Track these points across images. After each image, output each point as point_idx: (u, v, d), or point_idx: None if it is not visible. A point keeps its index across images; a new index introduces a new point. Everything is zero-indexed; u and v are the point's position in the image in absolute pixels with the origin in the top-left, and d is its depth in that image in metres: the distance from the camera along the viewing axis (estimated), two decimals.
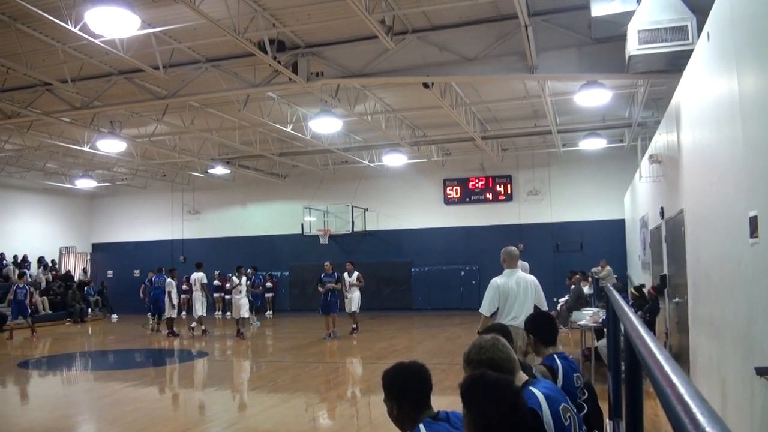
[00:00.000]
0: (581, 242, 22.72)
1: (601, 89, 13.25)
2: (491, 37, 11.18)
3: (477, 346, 3.35)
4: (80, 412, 9.44)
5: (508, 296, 6.98)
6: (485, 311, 6.98)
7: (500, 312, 6.95)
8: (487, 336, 3.50)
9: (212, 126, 17.92)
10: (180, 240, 27.95)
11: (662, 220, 10.01)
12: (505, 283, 7.04)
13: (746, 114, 4.35)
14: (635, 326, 1.97)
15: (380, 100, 16.31)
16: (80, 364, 14.90)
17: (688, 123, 7.10)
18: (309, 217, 25.17)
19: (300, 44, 11.95)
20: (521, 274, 7.22)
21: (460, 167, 24.13)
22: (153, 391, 10.80)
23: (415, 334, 18.72)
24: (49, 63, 12.44)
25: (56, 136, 18.11)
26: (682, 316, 8.16)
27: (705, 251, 6.26)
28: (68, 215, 28.50)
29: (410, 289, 24.96)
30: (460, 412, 2.94)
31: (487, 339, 3.41)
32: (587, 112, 17.32)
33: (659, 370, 1.31)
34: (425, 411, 3.07)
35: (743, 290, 4.59)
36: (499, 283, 7.06)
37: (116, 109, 15.38)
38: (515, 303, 6.95)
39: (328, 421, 8.67)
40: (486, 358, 3.27)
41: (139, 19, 9.45)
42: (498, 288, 7.02)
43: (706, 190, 5.96)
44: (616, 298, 3.41)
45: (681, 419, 1.02)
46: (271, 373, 11.99)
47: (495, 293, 7.02)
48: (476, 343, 3.39)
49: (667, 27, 8.04)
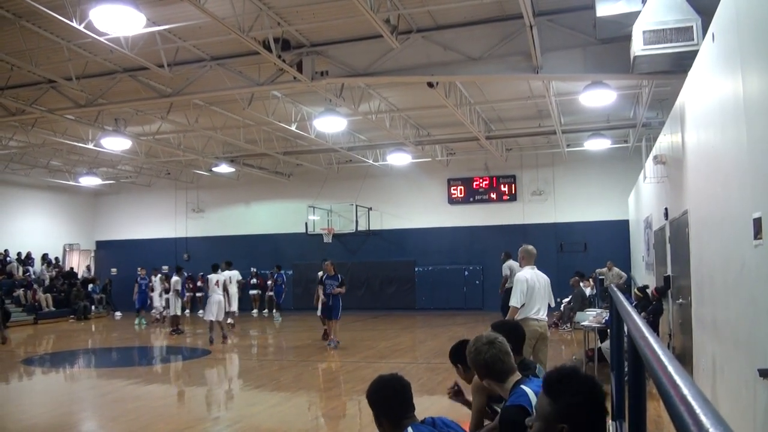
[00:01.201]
0: (585, 243, 22.71)
1: (606, 89, 13.23)
2: (496, 37, 11.17)
3: (474, 348, 3.44)
4: (83, 409, 9.47)
5: (534, 290, 7.36)
6: (517, 303, 7.28)
7: (526, 306, 7.20)
8: (485, 336, 3.56)
9: (216, 124, 17.94)
10: (184, 238, 27.99)
11: (666, 221, 9.99)
12: (532, 278, 7.41)
13: (751, 115, 4.34)
14: (639, 327, 1.97)
15: (385, 100, 16.31)
16: (83, 361, 14.93)
17: (693, 124, 7.08)
18: (313, 216, 25.17)
19: (305, 43, 11.96)
20: (538, 271, 7.60)
21: (464, 167, 24.12)
22: (155, 389, 10.82)
23: (418, 333, 18.72)
24: (53, 60, 12.47)
25: (60, 133, 18.16)
26: (685, 317, 8.15)
27: (709, 253, 6.24)
28: (72, 212, 28.57)
29: (414, 288, 24.95)
30: (448, 418, 3.34)
31: (483, 341, 3.47)
32: (592, 113, 17.30)
33: (663, 371, 1.31)
34: (408, 418, 3.30)
35: (747, 292, 4.58)
36: (527, 277, 7.40)
37: (121, 107, 15.40)
38: (539, 297, 7.37)
39: (330, 420, 8.68)
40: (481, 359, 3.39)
41: (144, 17, 9.46)
42: (527, 281, 7.36)
43: (711, 192, 5.94)
44: (620, 299, 3.41)
45: (684, 420, 1.02)
46: (273, 372, 12.00)
47: (524, 286, 7.35)
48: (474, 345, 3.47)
49: (672, 28, 8.02)
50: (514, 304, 7.30)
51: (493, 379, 3.44)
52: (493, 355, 3.39)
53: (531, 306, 7.30)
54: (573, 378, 2.62)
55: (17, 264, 25.16)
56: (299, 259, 25.85)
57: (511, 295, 7.47)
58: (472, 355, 3.45)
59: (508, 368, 3.40)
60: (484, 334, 3.68)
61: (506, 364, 3.40)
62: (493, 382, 3.46)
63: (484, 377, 3.47)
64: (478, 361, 3.43)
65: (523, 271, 7.58)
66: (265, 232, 26.55)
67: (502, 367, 3.39)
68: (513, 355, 3.62)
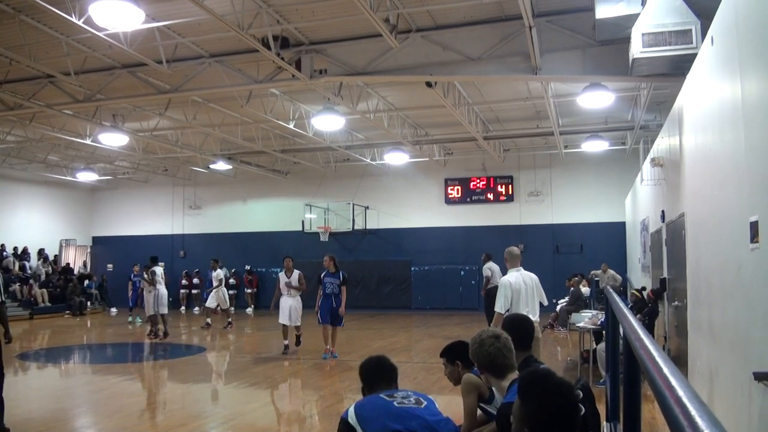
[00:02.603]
0: (581, 244, 22.73)
1: (604, 91, 13.24)
2: (495, 38, 11.18)
3: (480, 340, 3.44)
4: (78, 404, 9.45)
5: (520, 293, 7.29)
6: (501, 309, 7.19)
7: (513, 309, 7.16)
8: (490, 329, 3.58)
9: (214, 121, 17.92)
10: (180, 235, 27.96)
11: (663, 223, 10.01)
12: (516, 281, 7.33)
13: (749, 119, 4.35)
14: (635, 329, 1.97)
15: (383, 99, 16.30)
16: (78, 356, 14.91)
17: (691, 127, 7.09)
18: (310, 214, 25.16)
19: (304, 41, 11.95)
20: (524, 272, 7.52)
21: (462, 167, 24.13)
22: (149, 386, 10.81)
23: (414, 332, 18.72)
24: (52, 55, 12.44)
25: (58, 128, 18.11)
26: (681, 319, 8.16)
27: (705, 255, 6.25)
28: (69, 208, 28.52)
29: (410, 288, 24.96)
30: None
31: (489, 334, 3.48)
32: (590, 114, 17.32)
33: (658, 372, 1.31)
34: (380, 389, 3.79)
35: (743, 295, 4.59)
36: (511, 282, 7.32)
37: (119, 103, 15.38)
38: (526, 299, 7.31)
39: (325, 418, 8.67)
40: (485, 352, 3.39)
41: (144, 13, 9.45)
42: (511, 286, 7.28)
43: (708, 195, 5.95)
44: (616, 301, 3.41)
45: (679, 422, 1.02)
46: (269, 370, 11.98)
47: (509, 291, 7.27)
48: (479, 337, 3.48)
49: (671, 30, 8.04)
50: (498, 310, 7.20)
51: (492, 373, 3.44)
52: (498, 348, 3.39)
53: (517, 309, 7.17)
54: (541, 383, 2.71)
55: (13, 259, 25.11)
56: (295, 257, 25.68)
57: (495, 301, 7.41)
58: (476, 346, 3.46)
59: (509, 365, 3.41)
60: (490, 328, 3.71)
61: (508, 359, 3.41)
62: (492, 377, 3.46)
63: (484, 371, 3.48)
64: (481, 353, 3.43)
65: (507, 275, 7.49)
66: (262, 230, 26.54)
67: (504, 362, 3.39)
68: (520, 352, 3.65)
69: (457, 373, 4.47)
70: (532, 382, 2.73)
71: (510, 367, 3.41)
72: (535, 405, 2.63)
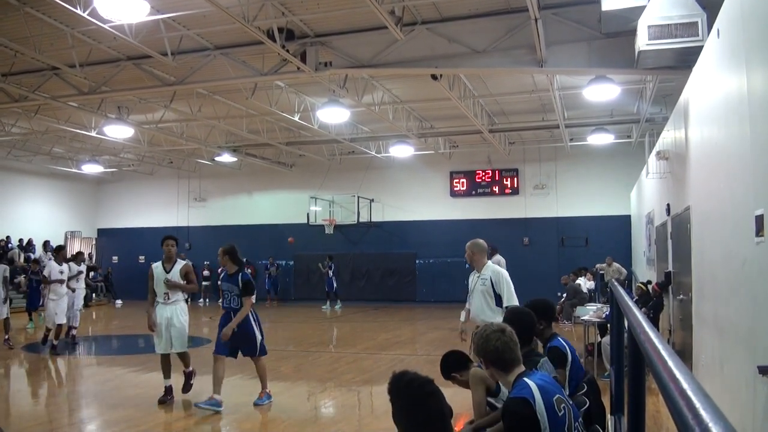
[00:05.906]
0: (586, 237, 22.69)
1: (610, 84, 13.19)
2: (501, 30, 11.13)
3: (485, 334, 3.44)
4: (83, 396, 9.49)
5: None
6: (514, 301, 7.05)
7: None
8: (495, 324, 3.58)
9: (220, 114, 17.92)
10: (185, 227, 27.98)
11: (668, 216, 9.98)
12: (473, 279, 7.59)
13: (755, 112, 4.33)
14: (640, 322, 1.97)
15: (388, 91, 16.28)
16: (83, 348, 14.96)
17: (697, 120, 7.07)
18: (315, 206, 25.18)
19: (309, 33, 11.93)
20: (492, 265, 7.57)
21: (467, 160, 24.10)
22: (154, 377, 10.84)
23: (419, 325, 18.74)
24: (57, 47, 12.44)
25: (63, 120, 18.14)
26: (686, 313, 8.16)
27: (710, 249, 6.24)
28: (74, 200, 28.59)
29: (414, 280, 25.00)
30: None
31: (494, 328, 3.48)
32: (595, 107, 17.27)
33: (663, 366, 1.31)
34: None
35: (748, 289, 4.58)
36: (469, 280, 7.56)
37: (124, 95, 15.40)
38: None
39: (330, 410, 8.70)
40: (491, 347, 3.40)
41: (149, 5, 9.46)
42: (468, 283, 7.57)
43: (713, 188, 5.94)
44: (621, 294, 3.41)
45: (684, 415, 1.02)
46: (273, 362, 11.99)
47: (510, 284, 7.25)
48: (484, 332, 3.49)
49: (677, 23, 8.01)
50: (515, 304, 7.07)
51: (498, 368, 3.44)
52: (504, 342, 3.39)
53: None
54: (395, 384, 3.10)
55: (18, 250, 25.17)
56: (300, 249, 25.85)
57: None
58: (482, 342, 3.45)
59: (515, 359, 3.41)
60: (495, 322, 3.71)
61: (514, 353, 3.41)
62: (497, 372, 3.46)
63: (490, 366, 3.48)
64: (486, 347, 3.42)
65: (501, 268, 7.47)
66: (267, 222, 26.56)
67: (510, 356, 3.39)
68: (523, 345, 3.66)
69: (462, 380, 4.56)
70: (391, 386, 3.11)
71: (516, 361, 3.41)
72: (398, 406, 3.04)
